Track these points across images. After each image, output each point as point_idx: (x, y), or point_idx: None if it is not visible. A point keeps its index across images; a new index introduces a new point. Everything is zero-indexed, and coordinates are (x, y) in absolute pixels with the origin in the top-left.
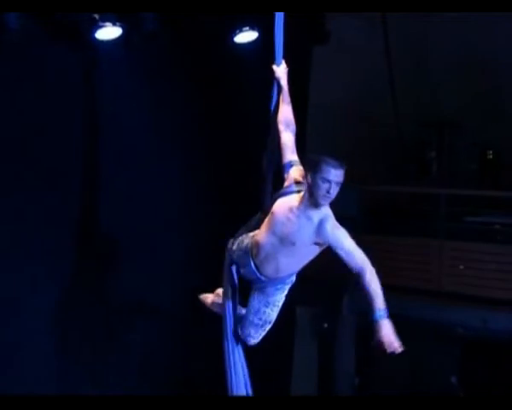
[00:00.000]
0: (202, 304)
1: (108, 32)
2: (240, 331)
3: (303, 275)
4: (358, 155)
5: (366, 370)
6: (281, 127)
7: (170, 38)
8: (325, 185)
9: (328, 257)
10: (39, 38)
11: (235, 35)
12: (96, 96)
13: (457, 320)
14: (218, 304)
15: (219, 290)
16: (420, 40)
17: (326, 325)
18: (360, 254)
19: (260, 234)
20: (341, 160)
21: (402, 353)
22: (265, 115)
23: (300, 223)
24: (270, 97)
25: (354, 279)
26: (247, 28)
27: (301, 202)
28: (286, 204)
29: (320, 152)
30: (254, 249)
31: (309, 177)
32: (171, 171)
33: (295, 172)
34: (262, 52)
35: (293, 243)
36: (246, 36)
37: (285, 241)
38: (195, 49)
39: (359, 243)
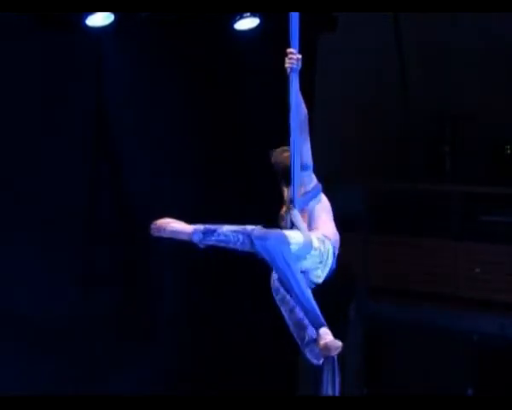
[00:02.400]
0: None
1: (100, 19)
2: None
3: None
4: (367, 150)
5: (375, 379)
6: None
7: (165, 25)
8: None
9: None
10: (25, 23)
11: (236, 21)
12: (89, 85)
13: (473, 327)
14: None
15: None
16: (433, 29)
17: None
18: None
19: (333, 232)
20: None
21: (414, 361)
22: (267, 106)
23: None
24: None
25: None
26: (248, 14)
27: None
28: None
29: (328, 147)
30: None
31: None
32: (166, 160)
33: None
34: (264, 40)
35: None
36: (247, 22)
37: None
38: (193, 37)
39: (367, 243)
